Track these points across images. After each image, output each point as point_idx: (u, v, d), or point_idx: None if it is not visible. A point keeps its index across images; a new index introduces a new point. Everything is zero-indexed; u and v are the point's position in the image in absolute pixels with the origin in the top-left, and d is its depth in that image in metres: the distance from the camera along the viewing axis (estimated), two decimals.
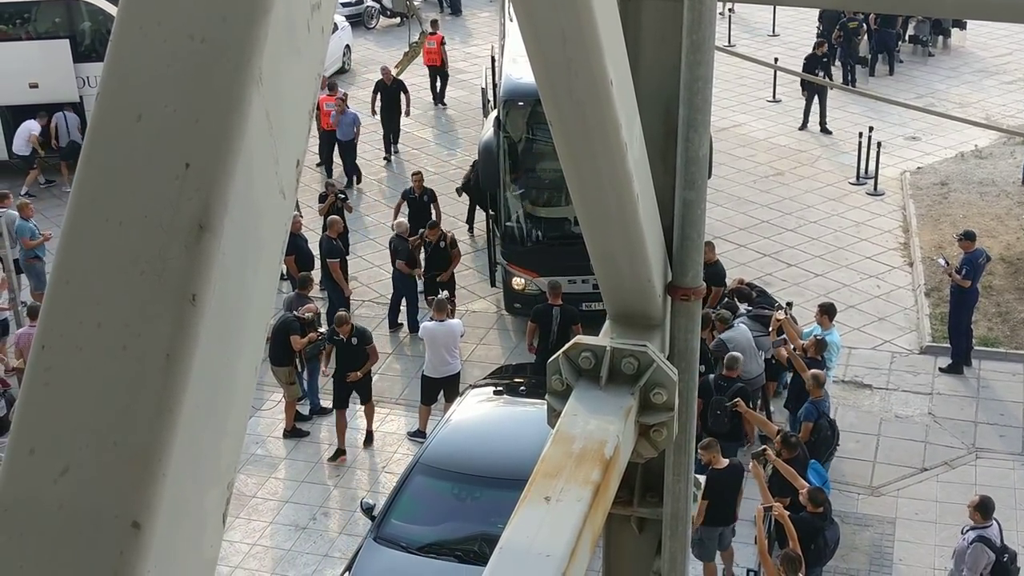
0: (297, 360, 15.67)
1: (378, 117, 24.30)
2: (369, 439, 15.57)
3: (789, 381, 14.90)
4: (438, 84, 27.32)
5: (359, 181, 23.05)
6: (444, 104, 27.29)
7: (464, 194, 20.93)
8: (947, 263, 16.81)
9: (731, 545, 12.83)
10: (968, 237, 16.48)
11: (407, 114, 24.64)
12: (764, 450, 12.47)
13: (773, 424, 13.40)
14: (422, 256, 18.23)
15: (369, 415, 15.65)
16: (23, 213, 18.43)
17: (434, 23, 28.02)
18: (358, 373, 15.05)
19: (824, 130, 24.65)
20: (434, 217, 19.15)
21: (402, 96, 24.25)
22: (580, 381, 3.52)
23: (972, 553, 11.53)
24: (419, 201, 19.46)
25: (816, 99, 24.65)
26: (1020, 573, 11.97)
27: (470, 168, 20.81)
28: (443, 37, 27.66)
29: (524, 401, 14.11)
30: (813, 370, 13.90)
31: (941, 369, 16.65)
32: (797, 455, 12.49)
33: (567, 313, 15.52)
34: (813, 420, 13.33)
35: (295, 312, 15.44)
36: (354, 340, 15.04)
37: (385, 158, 24.40)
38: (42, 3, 23.27)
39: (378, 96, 24.10)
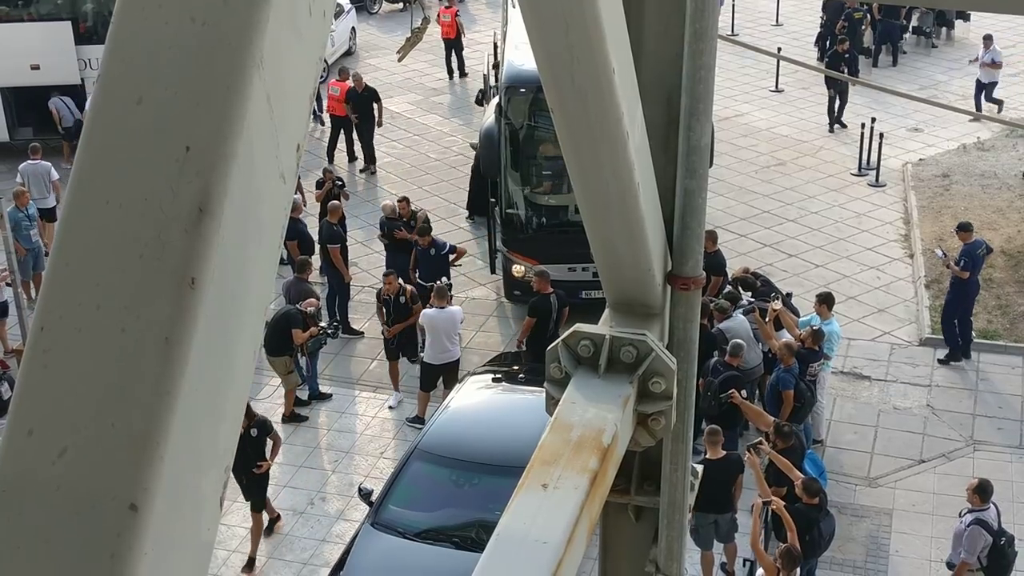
0: (298, 352, 15.69)
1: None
2: (250, 565, 13.33)
3: None
4: (454, 59, 27.65)
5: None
6: (466, 74, 27.53)
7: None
8: (945, 255, 16.82)
9: (735, 541, 12.84)
10: (964, 228, 16.51)
11: (379, 124, 23.00)
12: (760, 442, 12.52)
13: (768, 415, 13.43)
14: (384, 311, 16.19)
15: (256, 533, 13.41)
16: (18, 202, 17.89)
17: None
18: (264, 465, 13.20)
19: (840, 124, 24.35)
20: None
21: (374, 105, 22.65)
22: (579, 369, 3.52)
23: (969, 535, 11.58)
24: (406, 226, 17.92)
25: (837, 95, 24.42)
26: (1018, 556, 12.01)
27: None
28: (458, 10, 28.09)
29: (523, 388, 14.13)
30: (785, 339, 14.04)
31: (939, 360, 16.66)
32: (792, 445, 12.52)
33: (561, 299, 15.60)
34: (792, 387, 13.48)
35: (298, 305, 15.44)
36: (253, 432, 13.02)
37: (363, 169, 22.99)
38: None
39: (350, 105, 22.48)
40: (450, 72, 27.76)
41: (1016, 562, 11.98)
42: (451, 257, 17.24)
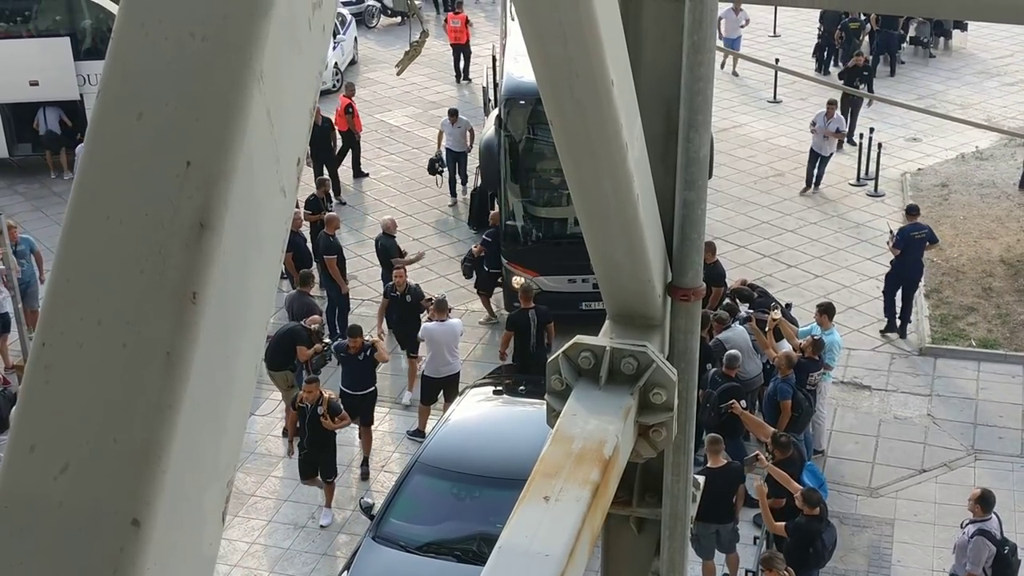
0: (302, 369, 15.68)
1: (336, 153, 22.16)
2: None
3: None
4: (462, 62, 28.33)
5: None
6: (469, 79, 28.00)
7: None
8: (891, 232, 17.47)
9: (736, 551, 12.83)
10: (909, 211, 17.63)
11: (341, 156, 22.34)
12: (756, 455, 12.50)
13: (768, 426, 13.43)
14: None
15: None
16: (9, 235, 16.77)
17: (459, 4, 28.77)
18: None
19: (850, 142, 23.64)
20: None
21: (334, 137, 22.00)
22: (580, 381, 3.52)
23: (974, 547, 11.56)
24: (400, 301, 16.17)
25: (850, 111, 24.07)
26: (1021, 565, 11.99)
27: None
28: (467, 16, 28.84)
29: (523, 401, 14.11)
30: (784, 349, 14.05)
31: (881, 331, 17.44)
32: (791, 455, 12.51)
33: (542, 314, 15.57)
34: (789, 397, 13.48)
35: (303, 322, 15.44)
36: None
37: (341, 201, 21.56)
38: (43, 0, 23.28)
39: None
40: (457, 76, 28.37)
41: (1021, 571, 11.95)
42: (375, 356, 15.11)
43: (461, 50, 28.25)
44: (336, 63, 27.78)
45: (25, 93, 22.70)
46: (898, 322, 17.42)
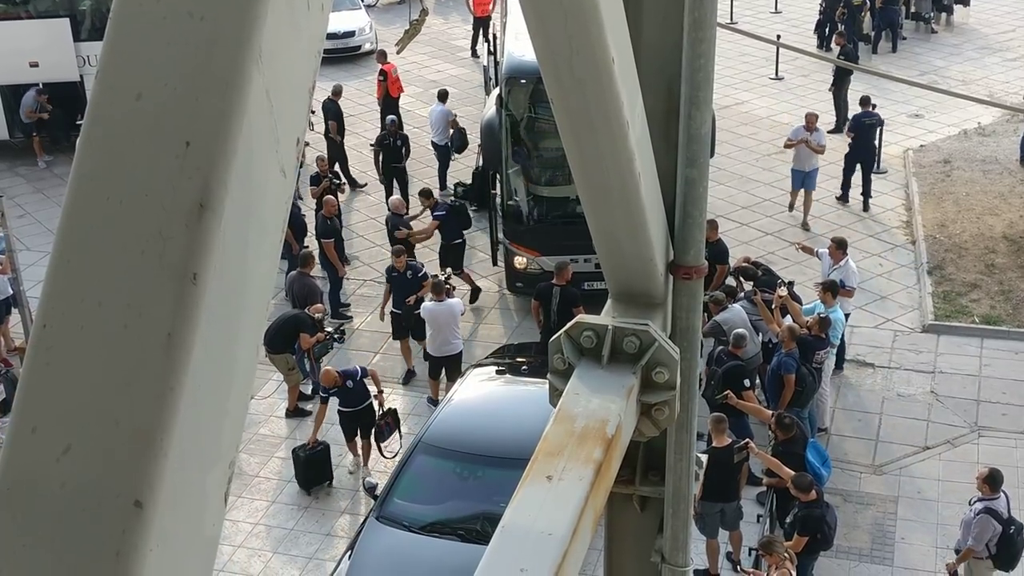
0: (304, 356, 15.70)
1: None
2: None
3: None
4: (479, 35, 28.40)
5: None
6: (477, 56, 27.99)
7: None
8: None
9: (740, 529, 12.84)
10: (863, 102, 20.34)
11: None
12: (746, 443, 12.47)
13: (767, 410, 13.42)
14: None
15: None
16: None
17: None
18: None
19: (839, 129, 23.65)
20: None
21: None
22: (582, 360, 3.52)
23: (978, 523, 11.58)
24: (402, 277, 16.24)
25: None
26: None
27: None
28: None
29: (526, 380, 14.13)
30: (788, 323, 14.04)
31: (836, 198, 20.47)
32: (794, 435, 12.50)
33: (567, 294, 15.47)
34: (793, 371, 13.45)
35: (307, 309, 15.47)
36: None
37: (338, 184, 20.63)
38: None
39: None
40: (474, 52, 28.57)
41: None
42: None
43: (482, 24, 28.28)
44: (373, 25, 28.61)
45: (25, 75, 22.68)
46: (849, 196, 20.44)
